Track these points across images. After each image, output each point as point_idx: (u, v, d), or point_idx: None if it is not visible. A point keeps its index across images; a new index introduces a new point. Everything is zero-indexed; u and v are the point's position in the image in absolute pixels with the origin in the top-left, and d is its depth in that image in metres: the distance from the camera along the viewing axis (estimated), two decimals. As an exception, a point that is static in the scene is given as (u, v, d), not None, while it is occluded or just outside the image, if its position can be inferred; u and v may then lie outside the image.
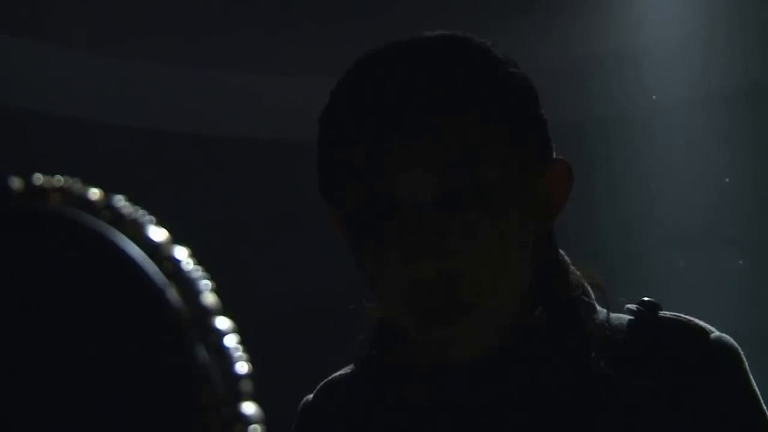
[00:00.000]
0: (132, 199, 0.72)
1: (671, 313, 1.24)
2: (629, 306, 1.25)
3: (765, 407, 1.22)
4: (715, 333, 1.22)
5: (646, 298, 1.25)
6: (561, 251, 1.25)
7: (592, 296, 1.23)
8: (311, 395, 1.33)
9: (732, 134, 4.76)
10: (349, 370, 1.31)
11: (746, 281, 4.71)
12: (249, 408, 0.71)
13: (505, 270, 1.16)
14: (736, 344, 1.22)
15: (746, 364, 1.22)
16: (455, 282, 1.13)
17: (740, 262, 4.72)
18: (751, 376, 1.22)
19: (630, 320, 1.23)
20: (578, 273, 1.24)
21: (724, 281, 4.66)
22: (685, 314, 1.26)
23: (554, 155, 1.22)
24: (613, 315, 1.23)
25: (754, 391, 1.22)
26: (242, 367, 0.72)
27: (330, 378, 1.33)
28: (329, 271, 3.40)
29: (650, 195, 4.82)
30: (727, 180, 4.67)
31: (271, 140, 4.91)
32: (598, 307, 1.23)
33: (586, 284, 1.24)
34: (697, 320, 1.24)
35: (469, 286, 1.14)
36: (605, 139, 4.81)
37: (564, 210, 1.24)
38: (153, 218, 0.72)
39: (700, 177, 4.79)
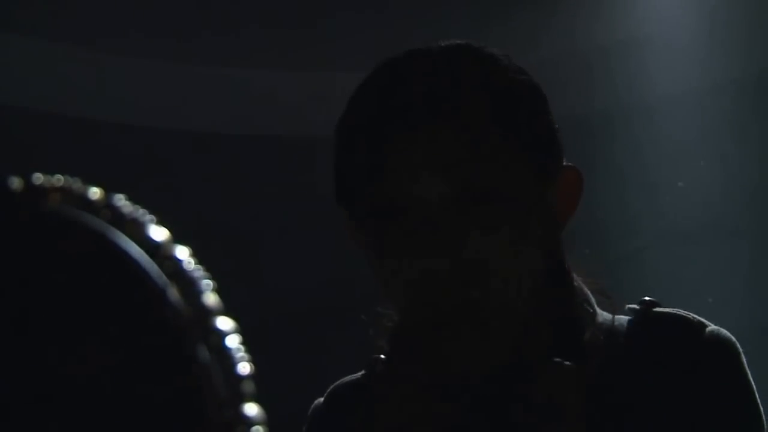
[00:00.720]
0: (132, 199, 0.72)
1: (667, 309, 1.25)
2: (630, 306, 1.26)
3: (759, 401, 1.23)
4: (711, 327, 1.23)
5: (646, 298, 1.26)
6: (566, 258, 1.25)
7: (593, 302, 1.24)
8: (321, 399, 1.34)
9: (738, 126, 4.75)
10: (359, 375, 1.32)
11: (751, 276, 4.70)
12: (251, 409, 0.71)
13: (515, 273, 1.17)
14: (732, 337, 1.23)
15: (743, 357, 1.23)
16: (467, 278, 1.14)
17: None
18: (748, 370, 1.22)
19: (629, 320, 1.24)
20: (580, 279, 1.25)
21: (729, 276, 4.65)
22: (688, 309, 1.26)
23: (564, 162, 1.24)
24: (615, 317, 1.24)
25: (749, 384, 1.22)
26: (244, 368, 0.71)
27: (340, 382, 1.34)
28: (334, 272, 3.39)
29: (655, 188, 4.81)
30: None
31: (274, 138, 4.91)
32: (599, 311, 1.24)
33: (587, 291, 1.24)
34: (692, 315, 1.24)
35: (480, 283, 1.15)
36: (609, 132, 4.80)
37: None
38: (153, 218, 0.72)
39: (706, 170, 4.78)
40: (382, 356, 1.26)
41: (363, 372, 1.32)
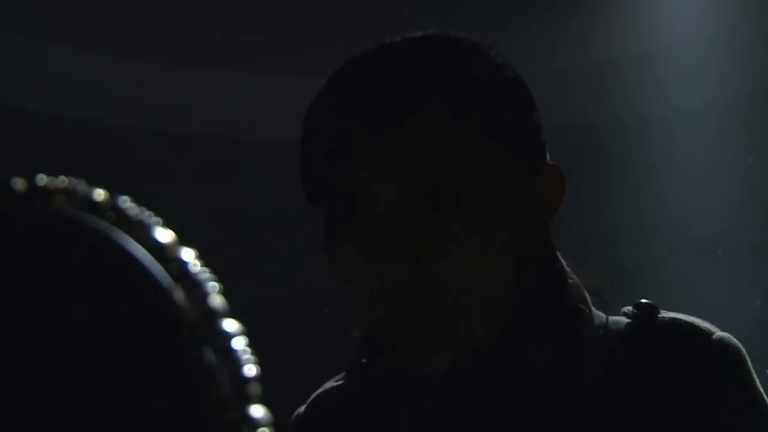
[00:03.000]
0: (137, 200, 0.72)
1: (671, 314, 1.22)
2: (626, 309, 1.23)
3: None
4: (718, 333, 1.20)
5: (643, 300, 1.23)
6: (558, 255, 1.23)
7: (589, 302, 1.21)
8: (302, 408, 1.32)
9: (752, 137, 4.74)
10: (339, 380, 1.30)
11: (764, 286, 4.69)
12: (257, 411, 0.70)
13: (486, 275, 1.13)
14: (739, 344, 1.20)
15: (749, 364, 1.20)
16: (431, 288, 1.10)
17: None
18: (756, 376, 1.21)
19: (628, 323, 1.21)
20: (575, 278, 1.22)
21: (741, 286, 4.64)
22: (698, 318, 1.24)
23: (547, 160, 1.20)
24: (610, 319, 1.21)
25: (758, 391, 1.20)
26: (250, 370, 0.71)
27: (321, 389, 1.31)
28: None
29: (668, 198, 4.80)
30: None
31: (276, 141, 4.91)
32: (595, 312, 1.21)
33: (583, 289, 1.22)
34: (698, 321, 1.22)
35: (446, 291, 1.11)
36: (623, 142, 4.80)
37: (579, 214, 1.23)
38: (159, 219, 0.72)
39: (719, 180, 4.77)
40: (360, 359, 1.24)
41: (343, 374, 1.29)
